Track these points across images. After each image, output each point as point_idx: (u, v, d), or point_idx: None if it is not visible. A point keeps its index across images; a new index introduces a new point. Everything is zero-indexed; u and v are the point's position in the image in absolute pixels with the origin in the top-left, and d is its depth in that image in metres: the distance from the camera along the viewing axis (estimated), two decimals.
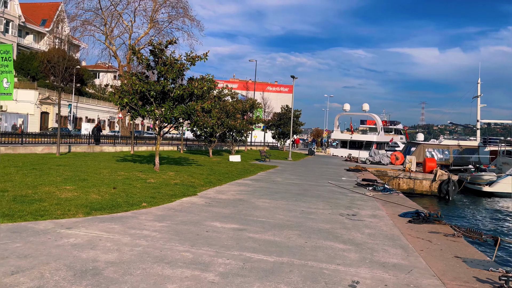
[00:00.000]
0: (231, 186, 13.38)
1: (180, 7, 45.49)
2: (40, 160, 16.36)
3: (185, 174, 14.96)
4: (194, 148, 35.84)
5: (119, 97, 14.35)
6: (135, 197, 9.53)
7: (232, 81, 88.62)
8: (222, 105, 26.31)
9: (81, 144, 24.43)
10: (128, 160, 19.48)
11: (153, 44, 14.54)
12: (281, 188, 13.79)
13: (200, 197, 10.57)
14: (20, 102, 54.29)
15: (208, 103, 15.17)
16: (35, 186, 9.83)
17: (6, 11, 61.99)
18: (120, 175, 13.29)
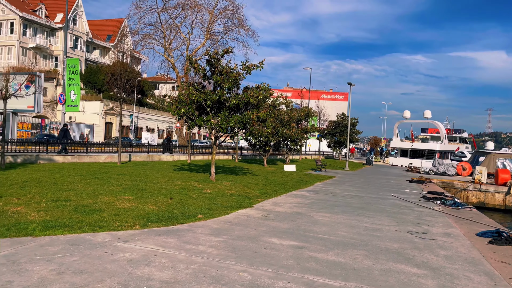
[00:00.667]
0: (288, 198, 12.92)
1: (235, 18, 46.18)
2: (102, 168, 16.93)
3: (240, 184, 14.73)
4: (249, 157, 35.81)
5: (177, 108, 14.49)
6: (191, 208, 9.37)
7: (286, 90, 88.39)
8: (277, 114, 25.99)
9: (141, 153, 25.20)
10: (184, 169, 19.68)
11: (210, 54, 14.56)
12: (340, 201, 13.09)
13: (256, 209, 10.21)
14: (87, 113, 57.72)
15: (263, 112, 14.89)
16: (96, 195, 10.00)
17: (75, 28, 66.54)
18: (177, 184, 13.31)
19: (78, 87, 23.08)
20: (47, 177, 12.87)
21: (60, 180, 12.23)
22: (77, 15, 67.30)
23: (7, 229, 6.30)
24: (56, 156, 19.26)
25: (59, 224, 6.84)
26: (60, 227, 6.71)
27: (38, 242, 5.83)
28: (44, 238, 6.04)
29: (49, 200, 8.97)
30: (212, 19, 45.52)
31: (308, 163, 36.31)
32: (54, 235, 6.24)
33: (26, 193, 9.69)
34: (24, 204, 8.31)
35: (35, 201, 8.75)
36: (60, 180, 12.23)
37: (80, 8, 67.54)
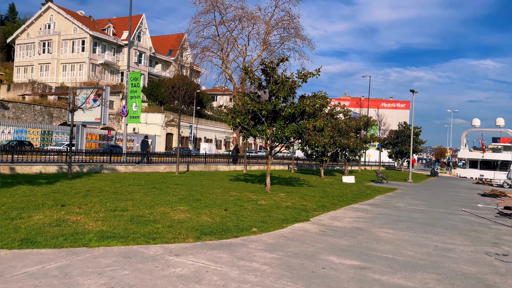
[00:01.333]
0: (347, 211, 12.23)
1: (291, 28, 46.06)
2: (161, 178, 17.27)
3: (296, 196, 14.25)
4: (305, 167, 35.14)
5: (232, 118, 14.41)
6: (245, 221, 9.08)
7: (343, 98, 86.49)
8: (335, 123, 25.21)
9: (198, 163, 25.56)
10: (240, 180, 19.57)
11: (265, 63, 14.35)
12: (404, 216, 12.16)
13: (313, 223, 9.70)
14: (150, 125, 60.21)
15: (320, 121, 14.36)
16: (152, 205, 10.05)
17: (139, 44, 70.11)
18: (231, 195, 13.14)
19: (139, 100, 23.97)
20: (108, 186, 13.28)
21: (120, 190, 12.54)
22: (141, 32, 70.93)
23: (65, 239, 6.38)
24: (118, 165, 20.03)
25: (114, 235, 6.84)
26: (115, 237, 6.69)
27: (92, 253, 5.81)
28: (99, 249, 6.01)
29: (108, 209, 9.12)
30: (269, 30, 45.75)
31: (367, 174, 34.86)
32: (108, 246, 6.21)
33: (87, 202, 9.96)
34: (84, 213, 8.49)
35: (94, 210, 8.94)
36: (120, 190, 12.54)
37: (144, 25, 71.12)
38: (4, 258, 5.30)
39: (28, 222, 7.37)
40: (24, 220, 7.52)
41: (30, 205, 9.03)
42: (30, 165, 16.50)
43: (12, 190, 11.00)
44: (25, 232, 6.64)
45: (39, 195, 10.45)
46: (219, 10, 44.46)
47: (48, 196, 10.47)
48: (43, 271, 4.93)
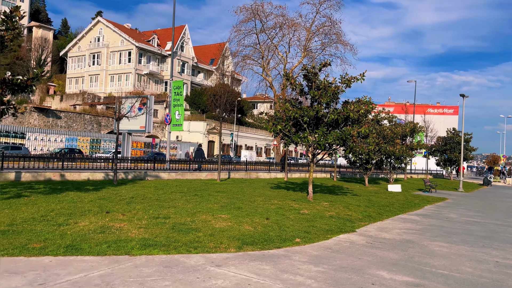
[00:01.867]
0: (395, 222, 11.61)
1: (333, 34, 45.44)
2: (202, 185, 17.33)
3: (340, 205, 13.76)
4: (348, 175, 34.25)
5: (273, 125, 14.20)
6: (288, 231, 8.79)
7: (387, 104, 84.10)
8: (379, 129, 24.37)
9: (239, 170, 25.55)
10: (281, 187, 19.28)
11: (307, 68, 14.06)
12: (458, 228, 11.37)
13: (359, 235, 9.24)
14: (192, 133, 61.35)
15: (365, 127, 13.84)
16: (194, 213, 10.00)
17: (182, 54, 71.89)
18: (273, 203, 12.89)
19: (182, 108, 24.38)
20: (151, 193, 13.44)
21: (162, 197, 12.65)
22: (184, 42, 72.72)
23: (108, 246, 6.39)
24: (162, 172, 20.36)
25: (156, 243, 6.78)
26: (156, 246, 6.63)
27: (134, 262, 5.76)
28: (140, 258, 5.95)
29: (151, 216, 9.15)
30: (310, 36, 45.37)
31: (414, 182, 33.43)
32: (150, 255, 6.14)
33: (131, 209, 10.07)
34: (127, 220, 8.55)
35: (137, 217, 8.99)
36: (162, 197, 12.65)
37: (186, 36, 72.90)
38: (49, 265, 5.35)
39: (74, 229, 7.49)
40: (71, 226, 7.66)
41: (77, 211, 9.24)
42: (78, 171, 17.10)
43: (61, 196, 11.36)
44: (71, 238, 6.73)
45: (86, 201, 10.71)
46: (260, 18, 44.67)
47: (94, 202, 10.70)
48: (86, 280, 4.91)
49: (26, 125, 45.93)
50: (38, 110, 48.85)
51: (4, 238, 6.51)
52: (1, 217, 8.09)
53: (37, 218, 8.18)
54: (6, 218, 8.04)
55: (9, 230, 7.05)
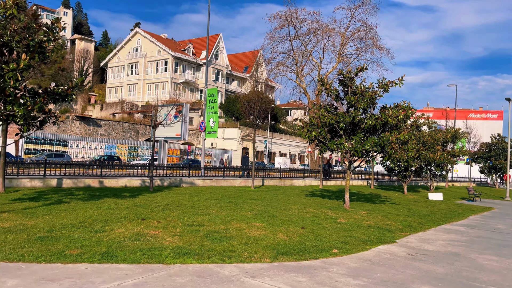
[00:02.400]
0: (438, 233, 11.02)
1: (368, 38, 44.62)
2: (236, 193, 17.25)
3: (378, 214, 13.26)
4: (385, 183, 33.24)
5: (308, 131, 13.94)
6: (324, 241, 8.49)
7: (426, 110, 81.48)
8: (419, 136, 23.49)
9: (273, 177, 25.34)
10: (316, 195, 18.90)
11: (343, 73, 13.73)
12: (509, 240, 10.63)
13: (400, 246, 8.79)
14: (226, 140, 61.82)
15: (404, 133, 13.31)
16: (228, 221, 9.89)
17: (217, 62, 72.83)
18: (308, 212, 12.60)
19: (216, 115, 24.52)
20: (186, 200, 13.49)
21: (197, 204, 12.64)
22: (219, 51, 73.69)
23: (142, 254, 6.36)
24: (197, 179, 20.49)
25: (190, 252, 6.70)
26: (190, 254, 6.54)
27: (167, 270, 5.68)
28: (174, 267, 5.87)
29: (185, 224, 9.12)
30: (344, 42, 44.77)
31: (456, 190, 31.97)
32: (184, 264, 6.05)
33: (166, 216, 10.10)
34: (162, 228, 8.55)
35: (172, 224, 8.98)
36: (197, 204, 12.64)
37: (221, 44, 73.84)
38: (85, 273, 5.36)
39: (110, 235, 7.55)
40: (107, 233, 7.73)
41: (114, 218, 9.35)
42: (116, 178, 17.48)
43: (99, 203, 11.58)
44: (107, 245, 6.76)
45: (122, 208, 10.85)
46: (294, 24, 44.55)
47: (131, 209, 10.82)
48: None
49: (68, 134, 47.86)
50: (79, 119, 50.79)
51: (43, 244, 6.63)
52: (42, 223, 8.29)
53: (75, 224, 8.33)
54: (46, 224, 8.24)
55: (48, 236, 7.19)
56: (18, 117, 8.49)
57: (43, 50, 9.35)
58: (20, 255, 5.92)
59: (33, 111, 9.18)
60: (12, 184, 14.33)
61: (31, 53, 9.05)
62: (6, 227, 7.78)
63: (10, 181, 14.34)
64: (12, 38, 8.75)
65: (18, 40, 8.94)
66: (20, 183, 14.56)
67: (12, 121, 8.62)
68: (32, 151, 39.09)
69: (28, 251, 6.17)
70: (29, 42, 9.32)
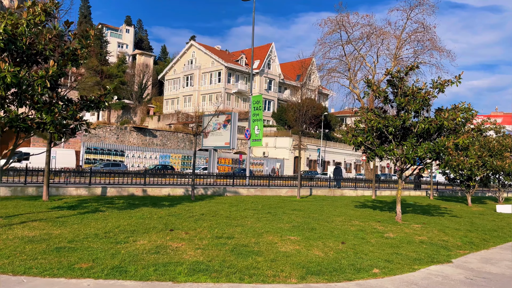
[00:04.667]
0: (505, 252, 9.50)
1: (426, 40, 42.12)
2: (279, 203, 16.50)
3: (434, 228, 11.87)
4: (447, 193, 30.68)
5: (353, 136, 12.90)
6: (365, 258, 7.51)
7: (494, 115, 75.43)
8: (483, 141, 21.30)
9: (322, 186, 24.24)
10: (367, 206, 17.62)
11: (391, 73, 12.59)
12: None
13: (456, 267, 7.56)
14: (278, 149, 61.22)
15: (463, 138, 11.85)
16: (260, 233, 9.19)
17: (269, 71, 72.80)
18: (354, 224, 11.54)
19: (261, 123, 24.01)
20: (224, 210, 12.98)
21: (234, 214, 12.08)
22: (271, 60, 73.70)
23: (155, 270, 5.85)
24: (241, 188, 20.02)
25: (207, 268, 6.09)
26: (207, 271, 5.93)
27: None
28: (183, 286, 5.29)
29: (214, 236, 8.56)
30: (400, 45, 42.59)
31: None
32: (195, 283, 5.45)
33: (196, 226, 9.62)
34: (188, 240, 8.05)
35: (200, 236, 8.46)
36: (234, 214, 12.08)
37: (273, 53, 73.80)
38: None
39: (129, 247, 7.16)
40: (128, 245, 7.36)
41: (141, 228, 9.02)
42: (160, 187, 17.47)
43: (134, 212, 11.40)
44: (121, 259, 6.35)
45: (155, 218, 10.55)
46: (345, 29, 43.18)
47: (163, 219, 10.49)
48: None
49: (126, 144, 49.85)
50: (136, 129, 52.79)
51: (57, 256, 6.36)
52: (67, 233, 8.13)
53: (99, 235, 8.07)
54: (70, 233, 8.06)
55: (66, 246, 6.94)
56: (48, 125, 8.46)
57: (75, 58, 9.34)
58: (28, 267, 5.65)
59: (65, 119, 9.16)
60: (58, 192, 14.71)
61: (63, 61, 9.04)
62: (31, 236, 7.68)
63: (57, 189, 14.73)
64: (45, 46, 8.79)
65: (51, 48, 8.98)
66: (66, 191, 14.92)
67: (43, 129, 8.61)
68: (92, 160, 41.05)
69: (38, 263, 5.91)
70: (64, 50, 9.36)
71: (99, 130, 48.67)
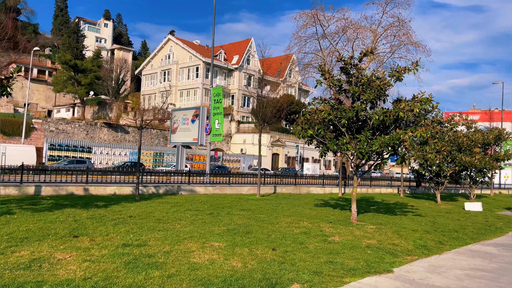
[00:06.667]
0: (459, 257, 8.49)
1: (402, 35, 41.36)
2: (233, 202, 15.31)
3: (390, 230, 10.84)
4: (419, 190, 29.98)
5: (302, 129, 11.77)
6: (290, 269, 6.37)
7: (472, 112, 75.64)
8: (453, 137, 20.51)
9: (289, 184, 23.14)
10: (329, 205, 16.58)
11: (344, 59, 11.49)
12: None
13: (394, 278, 6.47)
14: (256, 145, 59.93)
15: (421, 131, 10.83)
16: (182, 239, 7.97)
17: (249, 67, 71.54)
18: (300, 226, 10.43)
19: (221, 116, 22.76)
20: (161, 211, 11.71)
21: (169, 216, 10.82)
22: (250, 56, 72.39)
23: None
24: (198, 186, 18.78)
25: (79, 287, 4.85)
26: None
27: None
28: None
29: (121, 244, 7.30)
30: (376, 39, 41.77)
31: (502, 199, 28.20)
32: None
33: (111, 231, 8.35)
34: (83, 249, 6.78)
35: (104, 244, 7.19)
36: (169, 216, 10.82)
37: (252, 49, 72.51)
38: None
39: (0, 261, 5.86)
40: (1, 257, 6.05)
41: (38, 234, 7.70)
42: (105, 185, 16.10)
43: (49, 215, 10.03)
44: None
45: (68, 221, 9.22)
46: (321, 23, 42.01)
47: (77, 222, 9.17)
48: None
49: (97, 140, 48.00)
50: (107, 125, 50.96)
51: None
52: None
53: None
54: None
55: None
56: None
57: None
58: None
59: None
60: None
61: None
62: None
63: None
64: None
65: None
66: None
67: None
68: (56, 157, 39.18)
69: None
70: None
71: (67, 126, 46.69)
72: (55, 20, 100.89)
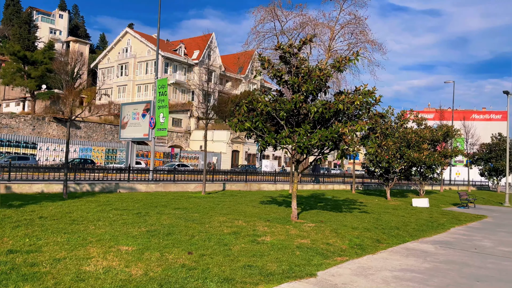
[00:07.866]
0: (393, 256, 8.02)
1: (359, 32, 41.67)
2: (172, 200, 14.35)
3: (328, 228, 10.29)
4: (372, 187, 30.12)
5: (239, 121, 11.02)
6: (197, 277, 5.58)
7: (427, 111, 78.10)
8: (402, 133, 20.48)
9: (239, 181, 22.38)
10: (276, 202, 15.96)
11: (283, 48, 10.82)
12: (490, 267, 7.61)
13: (314, 284, 5.82)
14: (216, 142, 59.02)
15: (362, 124, 10.36)
16: (86, 244, 7.01)
17: (210, 62, 70.10)
18: (233, 225, 9.67)
19: (166, 110, 21.69)
20: (83, 211, 10.61)
21: (87, 216, 9.76)
22: (211, 51, 71.06)
23: None
24: (139, 184, 17.66)
25: None
26: None
27: None
28: None
29: (4, 251, 6.25)
30: (333, 36, 41.85)
31: (451, 195, 28.78)
32: None
33: (5, 235, 7.24)
34: None
35: None
36: (87, 216, 9.76)
37: (213, 44, 71.15)
38: None
39: None
40: None
41: None
42: (31, 183, 14.70)
43: None
44: None
45: None
46: (278, 18, 41.66)
47: None
48: None
49: (44, 136, 45.32)
50: (57, 120, 48.31)
51: None
52: None
53: None
54: None
55: None
56: None
57: None
58: None
59: None
60: None
61: None
62: None
63: None
64: None
65: None
66: None
67: None
68: None
69: None
70: None
71: (11, 120, 43.77)
72: (6, 10, 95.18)
